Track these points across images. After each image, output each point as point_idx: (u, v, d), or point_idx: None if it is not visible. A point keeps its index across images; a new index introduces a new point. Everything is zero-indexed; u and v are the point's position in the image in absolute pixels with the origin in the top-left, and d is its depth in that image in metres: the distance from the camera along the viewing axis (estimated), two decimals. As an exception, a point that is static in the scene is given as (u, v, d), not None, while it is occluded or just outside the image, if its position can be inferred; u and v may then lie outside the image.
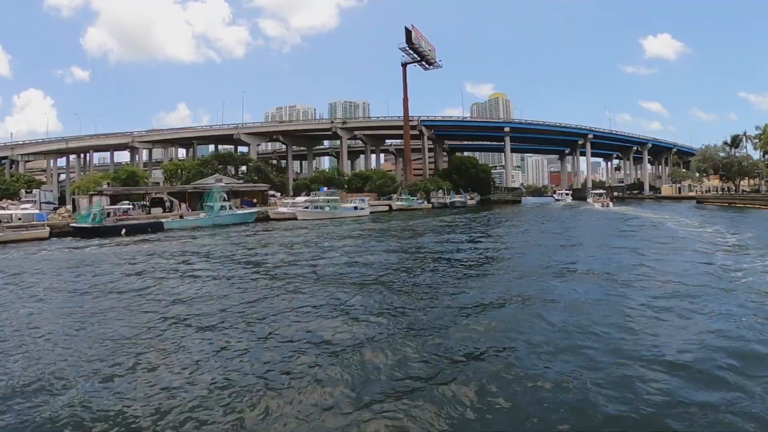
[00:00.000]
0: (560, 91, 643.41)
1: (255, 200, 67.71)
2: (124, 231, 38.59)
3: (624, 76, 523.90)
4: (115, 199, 55.45)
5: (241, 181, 78.90)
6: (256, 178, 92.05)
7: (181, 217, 49.70)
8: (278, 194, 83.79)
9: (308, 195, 68.76)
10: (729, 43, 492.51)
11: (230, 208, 52.45)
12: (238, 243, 28.15)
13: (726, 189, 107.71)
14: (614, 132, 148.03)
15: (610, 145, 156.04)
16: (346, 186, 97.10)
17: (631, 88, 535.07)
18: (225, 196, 54.33)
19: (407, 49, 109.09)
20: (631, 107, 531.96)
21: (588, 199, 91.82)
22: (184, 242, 29.90)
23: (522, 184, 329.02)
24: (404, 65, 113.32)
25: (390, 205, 76.03)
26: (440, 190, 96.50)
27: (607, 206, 71.70)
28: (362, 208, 62.88)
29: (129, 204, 52.37)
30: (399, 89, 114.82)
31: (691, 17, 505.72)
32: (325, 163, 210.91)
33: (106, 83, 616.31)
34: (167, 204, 58.23)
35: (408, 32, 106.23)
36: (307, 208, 56.12)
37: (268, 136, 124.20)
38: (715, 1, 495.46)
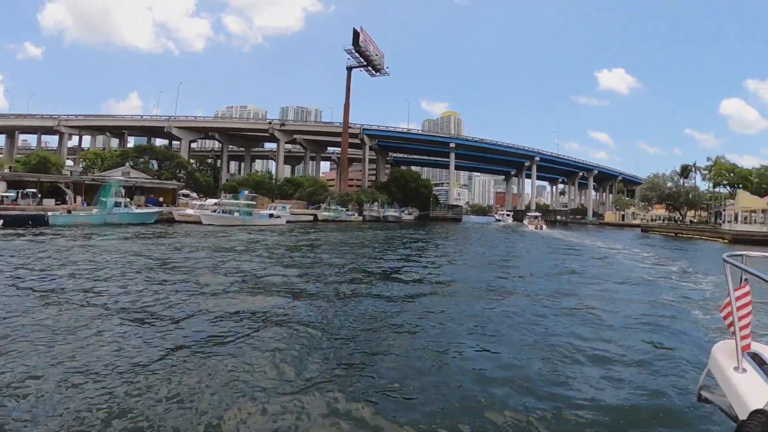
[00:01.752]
0: (513, 115, 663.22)
1: (162, 199, 62.81)
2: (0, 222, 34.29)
3: (576, 105, 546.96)
4: (17, 186, 50.55)
5: (155, 178, 73.20)
6: (182, 175, 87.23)
7: (69, 212, 44.75)
8: (194, 194, 78.35)
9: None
10: (679, 83, 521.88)
11: (126, 205, 47.59)
12: (98, 248, 23.77)
13: (672, 219, 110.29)
14: (561, 156, 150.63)
15: (556, 169, 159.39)
16: (277, 191, 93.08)
17: (582, 117, 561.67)
18: (123, 191, 49.45)
19: (353, 51, 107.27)
20: (580, 136, 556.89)
21: (524, 221, 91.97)
22: (48, 242, 25.37)
23: (468, 202, 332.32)
24: (349, 69, 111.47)
25: (315, 215, 72.22)
26: (375, 203, 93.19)
27: (540, 228, 73.44)
28: (278, 217, 58.55)
29: (14, 192, 47.83)
30: (353, 98, 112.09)
31: (645, 55, 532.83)
32: (270, 167, 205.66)
33: (59, 63, 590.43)
34: (68, 196, 53.15)
35: (356, 34, 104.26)
36: (214, 211, 51.63)
37: (203, 132, 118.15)
38: (669, 42, 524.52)
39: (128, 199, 49.91)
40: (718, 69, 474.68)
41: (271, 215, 57.99)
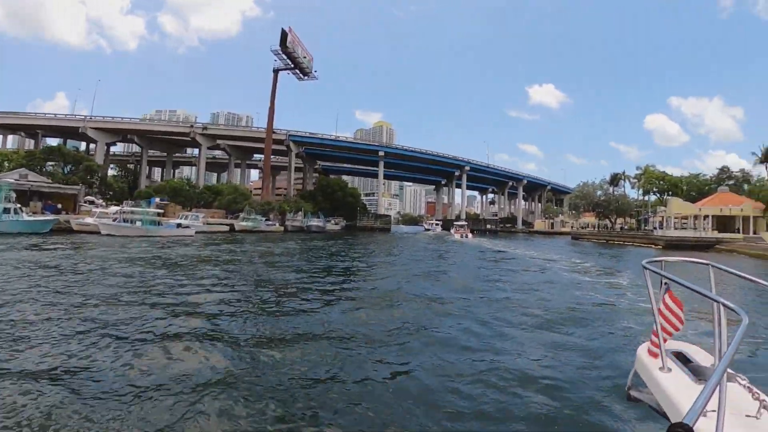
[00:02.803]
0: (447, 127, 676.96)
1: (61, 205, 58.84)
2: None
3: (508, 118, 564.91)
4: None
5: (64, 184, 68.32)
6: (93, 181, 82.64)
7: (-54, 219, 41.05)
8: (101, 201, 73.41)
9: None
10: (606, 99, 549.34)
11: (16, 212, 43.92)
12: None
13: (602, 226, 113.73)
14: (491, 166, 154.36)
15: (486, 179, 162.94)
16: (196, 199, 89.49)
17: (513, 130, 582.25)
18: (13, 195, 45.70)
19: (280, 52, 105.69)
20: (510, 148, 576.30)
21: (451, 230, 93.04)
22: None
23: (398, 212, 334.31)
24: (276, 71, 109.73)
25: (232, 225, 69.44)
26: (299, 212, 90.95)
27: (465, 237, 75.17)
28: (188, 226, 55.06)
29: None
30: (285, 107, 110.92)
31: (575, 72, 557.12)
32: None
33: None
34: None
35: (284, 34, 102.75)
36: (115, 220, 48.18)
37: (121, 134, 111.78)
38: (598, 61, 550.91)
39: (19, 205, 45.93)
40: (644, 87, 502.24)
41: (179, 225, 54.55)
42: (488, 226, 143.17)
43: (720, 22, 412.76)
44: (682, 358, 3.14)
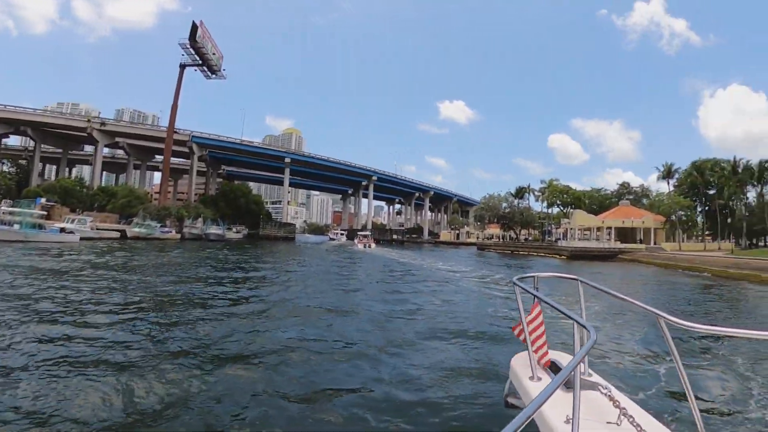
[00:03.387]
0: (358, 137, 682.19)
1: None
2: None
3: (417, 131, 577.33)
4: None
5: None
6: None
7: None
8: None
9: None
10: (513, 118, 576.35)
11: None
12: None
13: (508, 237, 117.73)
14: (399, 177, 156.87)
15: (394, 190, 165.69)
16: (89, 201, 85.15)
17: (422, 143, 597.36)
18: None
19: (188, 46, 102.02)
20: (419, 160, 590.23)
21: (355, 240, 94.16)
22: None
23: (305, 221, 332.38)
24: (183, 66, 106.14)
25: (124, 231, 66.65)
26: (198, 219, 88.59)
27: (368, 246, 76.70)
28: (72, 232, 51.78)
29: None
30: (193, 109, 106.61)
31: (486, 91, 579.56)
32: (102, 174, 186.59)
33: None
34: None
35: (194, 28, 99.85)
36: (-10, 222, 44.90)
37: (13, 125, 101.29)
38: (507, 82, 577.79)
39: None
40: (549, 109, 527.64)
41: (62, 230, 51.19)
42: (394, 237, 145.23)
43: (626, 53, 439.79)
44: (554, 368, 3.30)
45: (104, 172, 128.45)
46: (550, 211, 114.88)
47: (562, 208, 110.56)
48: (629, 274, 42.92)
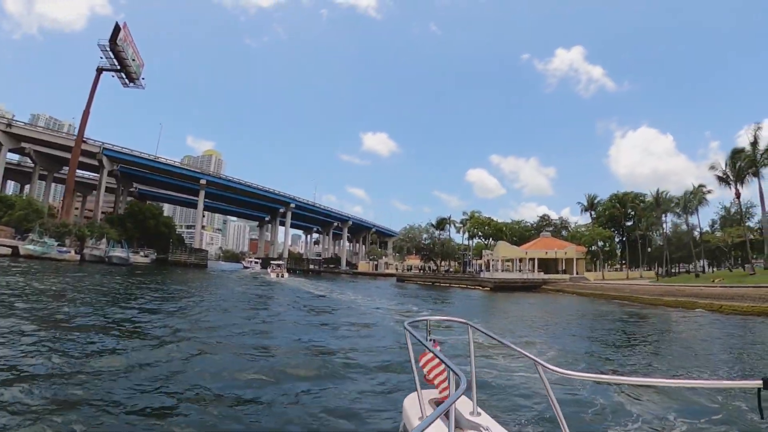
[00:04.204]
0: (279, 164, 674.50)
1: None
2: None
3: (340, 161, 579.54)
4: None
5: None
6: None
7: None
8: None
9: None
10: (434, 152, 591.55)
11: None
12: None
13: (428, 268, 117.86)
14: (317, 205, 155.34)
15: (312, 218, 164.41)
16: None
17: (343, 173, 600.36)
18: None
19: (108, 48, 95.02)
20: (339, 190, 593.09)
21: (268, 269, 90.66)
22: None
23: (221, 248, 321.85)
24: (100, 70, 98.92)
25: (17, 248, 59.50)
26: (103, 239, 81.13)
27: (281, 276, 74.65)
28: None
29: None
30: (109, 120, 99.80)
31: (409, 125, 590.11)
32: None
33: None
34: None
35: (116, 29, 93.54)
36: None
37: None
38: (429, 117, 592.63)
39: None
40: (469, 145, 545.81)
41: None
42: (311, 266, 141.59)
43: (545, 95, 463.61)
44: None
45: (10, 181, 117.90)
46: (470, 242, 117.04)
47: (483, 240, 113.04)
48: (561, 306, 42.47)
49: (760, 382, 2.16)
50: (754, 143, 55.51)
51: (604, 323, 27.30)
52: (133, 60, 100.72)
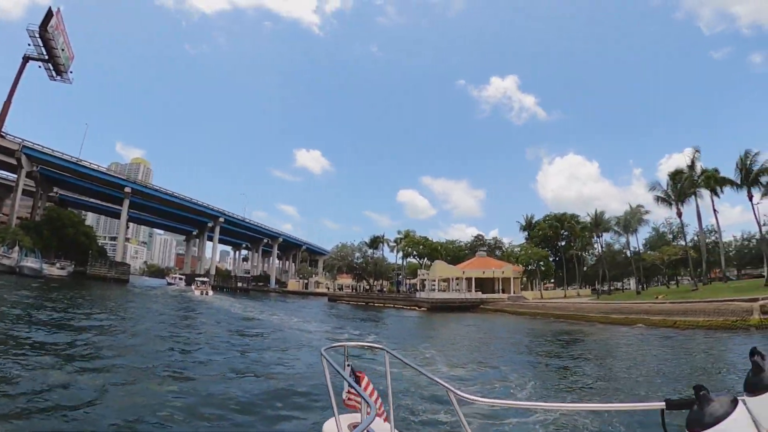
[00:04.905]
0: (207, 174, 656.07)
1: None
2: None
3: (272, 177, 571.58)
4: None
5: None
6: None
7: None
8: None
9: None
10: (366, 172, 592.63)
11: None
12: None
13: (361, 287, 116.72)
14: (247, 221, 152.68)
15: (241, 234, 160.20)
16: None
17: (275, 189, 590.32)
18: None
19: (37, 35, 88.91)
20: (269, 206, 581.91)
21: (192, 286, 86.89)
22: None
23: (145, 262, 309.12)
24: (26, 59, 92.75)
25: None
26: (15, 248, 74.84)
27: (206, 294, 72.62)
28: None
29: None
30: (34, 119, 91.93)
31: (342, 144, 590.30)
32: None
33: None
34: None
35: (48, 14, 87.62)
36: None
37: None
38: (364, 137, 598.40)
39: None
40: (400, 165, 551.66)
41: None
42: (239, 284, 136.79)
43: (477, 121, 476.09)
44: None
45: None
46: (404, 261, 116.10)
47: (418, 259, 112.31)
48: (507, 327, 41.97)
49: (663, 403, 2.24)
50: (692, 166, 61.40)
51: (571, 347, 26.71)
52: (63, 50, 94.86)
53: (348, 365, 3.75)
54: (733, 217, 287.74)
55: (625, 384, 15.61)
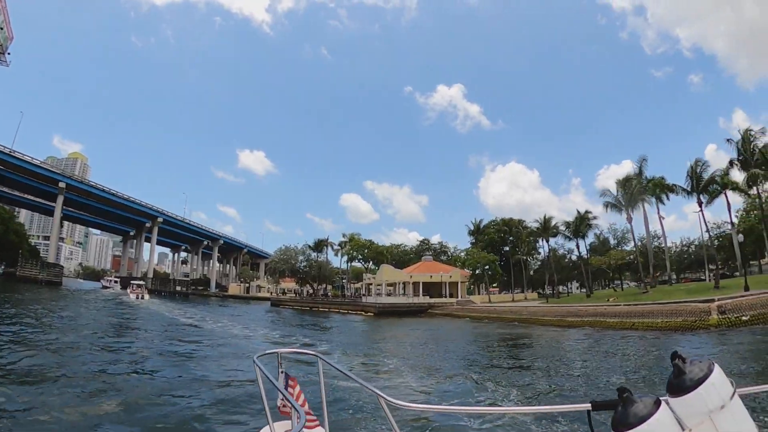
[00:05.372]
0: (148, 172, 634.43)
1: None
2: None
3: (214, 178, 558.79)
4: None
5: None
6: None
7: None
8: None
9: None
10: (309, 175, 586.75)
11: None
12: None
13: (306, 292, 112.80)
14: (187, 221, 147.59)
15: (181, 235, 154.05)
16: None
17: (216, 190, 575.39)
18: None
19: None
20: (210, 208, 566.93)
21: (128, 289, 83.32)
22: None
23: (81, 263, 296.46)
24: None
25: None
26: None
27: (142, 298, 70.78)
28: None
29: None
30: None
31: (285, 144, 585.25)
32: None
33: None
34: None
35: None
36: None
37: None
38: (309, 141, 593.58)
39: None
40: (344, 169, 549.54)
41: None
42: (178, 288, 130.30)
43: (422, 128, 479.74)
44: None
45: None
46: (348, 265, 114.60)
47: (363, 263, 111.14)
48: (461, 331, 41.96)
49: (589, 405, 2.29)
50: (639, 174, 64.12)
51: (524, 351, 26.87)
52: (2, 29, 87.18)
53: (282, 372, 3.74)
54: (666, 225, 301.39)
55: (574, 384, 15.87)
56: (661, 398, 2.12)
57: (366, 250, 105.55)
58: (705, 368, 2.08)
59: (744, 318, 30.59)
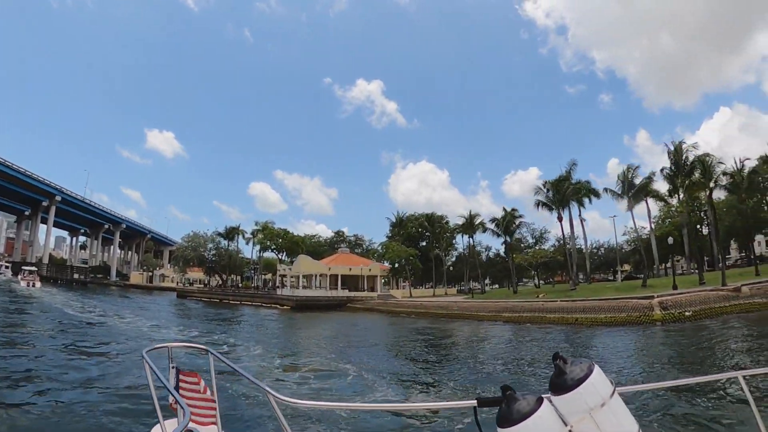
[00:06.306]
0: (48, 146, 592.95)
1: None
2: None
3: (119, 157, 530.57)
4: None
5: None
6: None
7: None
8: None
9: None
10: (218, 161, 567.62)
11: None
12: None
13: (215, 283, 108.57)
14: (89, 202, 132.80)
15: (80, 217, 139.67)
16: None
17: (121, 171, 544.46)
18: None
19: None
20: (113, 190, 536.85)
21: (19, 276, 78.13)
22: None
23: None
24: None
25: None
26: None
27: (33, 285, 67.29)
28: None
29: None
30: None
31: (194, 126, 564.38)
32: None
33: None
34: None
35: None
36: None
37: None
38: (222, 125, 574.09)
39: None
40: (254, 157, 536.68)
41: None
42: (76, 275, 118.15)
43: (338, 120, 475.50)
44: None
45: None
46: (260, 255, 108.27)
47: (276, 253, 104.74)
48: (394, 326, 41.66)
49: (475, 401, 2.38)
50: (567, 177, 65.18)
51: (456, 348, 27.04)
52: None
53: (173, 367, 3.59)
54: (577, 228, 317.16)
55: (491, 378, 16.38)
56: (543, 396, 2.20)
57: (280, 240, 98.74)
58: (585, 369, 2.17)
59: (687, 314, 31.76)
